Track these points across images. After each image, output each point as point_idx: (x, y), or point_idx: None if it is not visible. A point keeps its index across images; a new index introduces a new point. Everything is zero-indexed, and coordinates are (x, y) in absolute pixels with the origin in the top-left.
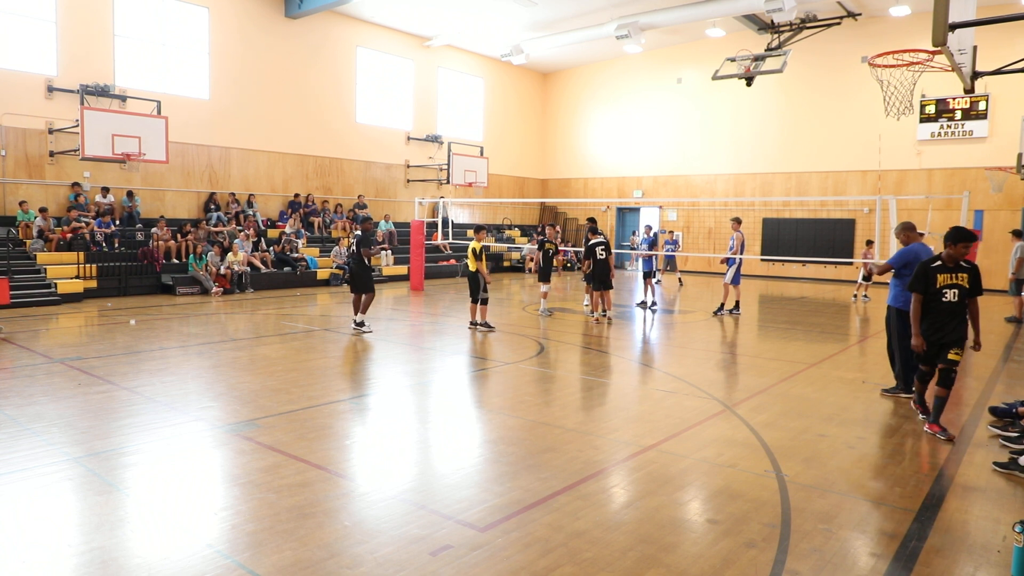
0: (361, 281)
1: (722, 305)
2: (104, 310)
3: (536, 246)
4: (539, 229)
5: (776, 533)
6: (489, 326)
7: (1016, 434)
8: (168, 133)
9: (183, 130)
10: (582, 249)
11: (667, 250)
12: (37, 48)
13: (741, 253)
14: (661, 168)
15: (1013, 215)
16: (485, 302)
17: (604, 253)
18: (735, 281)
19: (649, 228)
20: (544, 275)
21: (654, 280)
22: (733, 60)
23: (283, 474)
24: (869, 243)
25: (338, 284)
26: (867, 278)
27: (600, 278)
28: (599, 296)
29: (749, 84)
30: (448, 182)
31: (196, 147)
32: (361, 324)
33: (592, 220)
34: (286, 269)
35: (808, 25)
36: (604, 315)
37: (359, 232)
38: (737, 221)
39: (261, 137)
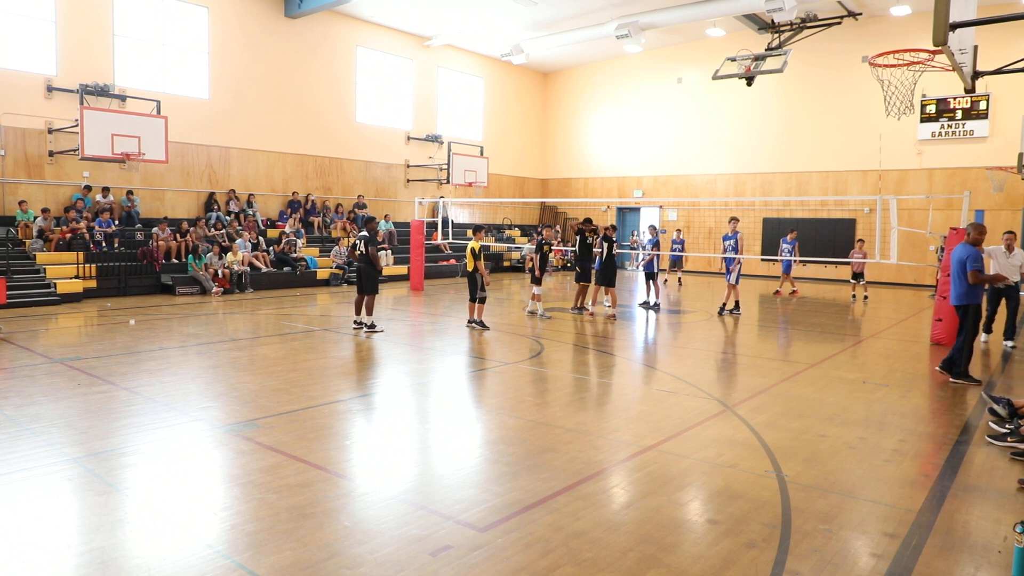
0: (370, 281)
1: (724, 305)
2: (103, 310)
3: (535, 247)
4: (538, 230)
5: (776, 533)
6: (484, 325)
7: (1008, 429)
8: (168, 133)
9: (183, 130)
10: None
11: (674, 250)
12: (37, 48)
13: (742, 252)
14: (661, 168)
15: (1014, 215)
16: (483, 300)
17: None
18: (731, 279)
19: (654, 228)
20: (538, 276)
21: (660, 280)
22: (733, 60)
23: (283, 474)
24: (860, 241)
25: (338, 284)
26: (857, 276)
27: (609, 275)
28: (600, 292)
29: (749, 84)
30: (448, 182)
31: (196, 147)
32: (363, 325)
33: (589, 220)
34: (286, 269)
35: (808, 25)
36: (589, 311)
37: (365, 232)
38: (736, 220)
39: (261, 137)
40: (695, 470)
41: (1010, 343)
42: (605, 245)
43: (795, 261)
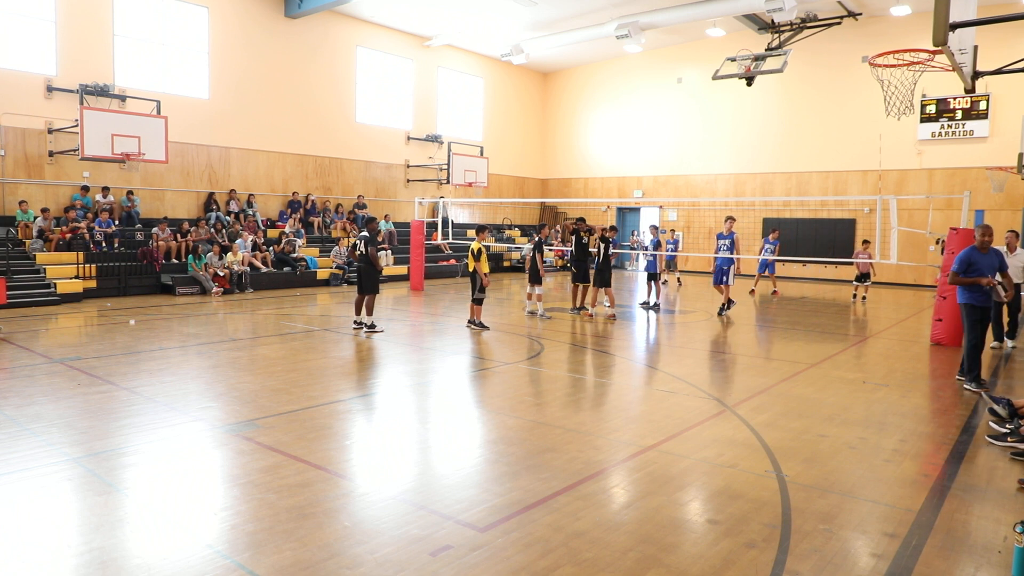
0: (371, 281)
1: (723, 305)
2: (103, 310)
3: (534, 247)
4: (537, 230)
5: (776, 533)
6: (483, 325)
7: (1008, 429)
8: (168, 133)
9: (183, 130)
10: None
11: (669, 250)
12: (37, 48)
13: (738, 252)
14: (661, 168)
15: (1014, 215)
16: (479, 302)
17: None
18: (730, 280)
19: (655, 228)
20: (536, 276)
21: (660, 281)
22: (733, 60)
23: (283, 474)
24: (865, 242)
25: (338, 284)
26: (862, 278)
27: (605, 276)
28: (599, 292)
29: (749, 84)
30: (448, 182)
31: (196, 147)
32: (363, 325)
33: (583, 220)
34: (286, 269)
35: (808, 25)
36: (589, 312)
37: (366, 232)
38: (732, 220)
39: (261, 137)
40: (695, 470)
41: (1011, 343)
42: (602, 246)
43: (771, 260)
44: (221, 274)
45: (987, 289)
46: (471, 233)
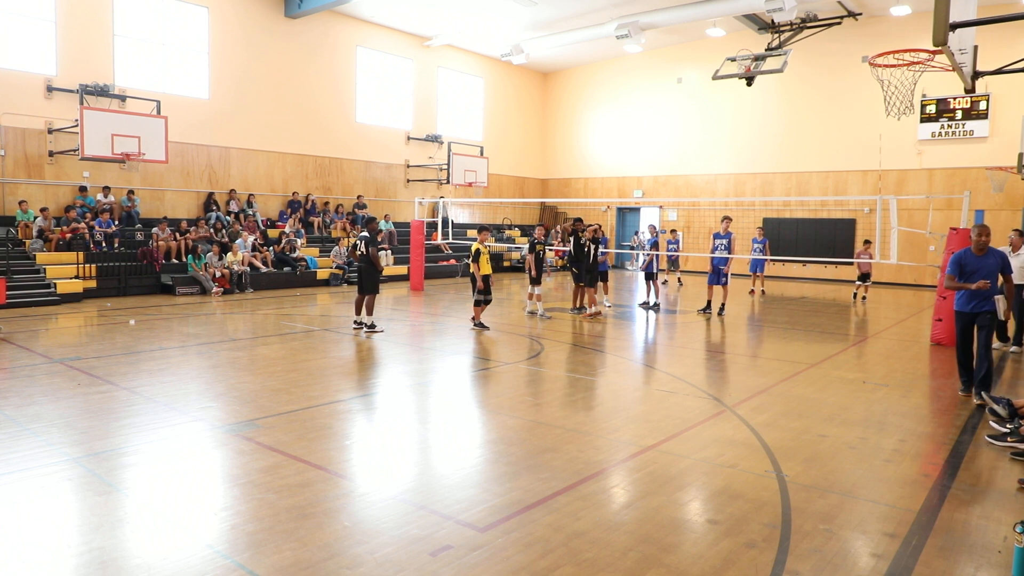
0: (371, 281)
1: (723, 305)
2: (103, 310)
3: (528, 247)
4: (535, 230)
5: (776, 533)
6: (483, 326)
7: (1008, 429)
8: (168, 133)
9: (183, 130)
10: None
11: (669, 250)
12: (37, 48)
13: (733, 252)
14: (661, 168)
15: (1014, 215)
16: (478, 303)
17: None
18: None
19: (653, 228)
20: (535, 277)
21: (660, 281)
22: (733, 60)
23: (283, 474)
24: (867, 242)
25: (338, 284)
26: (864, 278)
27: (594, 275)
28: (594, 292)
29: (749, 84)
30: (448, 182)
31: (196, 147)
32: (363, 325)
33: (580, 220)
34: (286, 269)
35: (808, 25)
36: (584, 310)
37: (366, 232)
38: (729, 220)
39: (261, 137)
40: (695, 470)
41: (1014, 347)
42: (592, 246)
43: (761, 259)
44: (220, 274)
45: (986, 294)
46: (471, 233)
